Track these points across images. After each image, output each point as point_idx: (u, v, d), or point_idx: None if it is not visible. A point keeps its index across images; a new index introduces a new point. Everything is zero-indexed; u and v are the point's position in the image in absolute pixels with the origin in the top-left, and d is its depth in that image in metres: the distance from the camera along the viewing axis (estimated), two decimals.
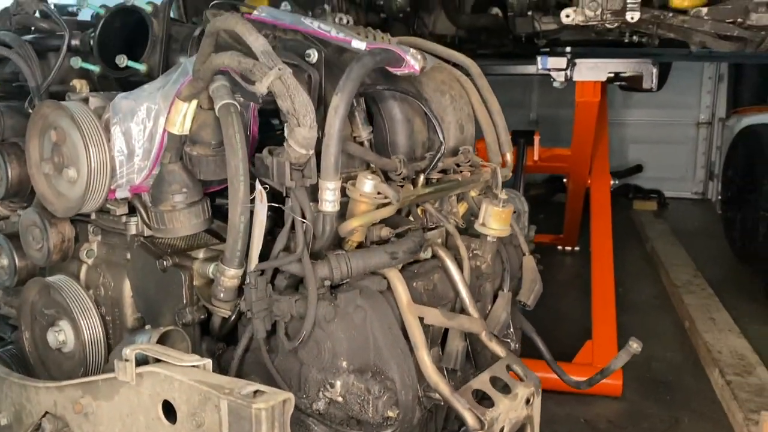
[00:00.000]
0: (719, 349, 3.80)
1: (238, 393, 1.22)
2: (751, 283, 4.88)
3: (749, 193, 4.98)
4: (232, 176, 1.42)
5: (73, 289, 1.76)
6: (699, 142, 7.15)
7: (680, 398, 3.56)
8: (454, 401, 1.41)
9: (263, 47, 1.33)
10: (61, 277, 1.80)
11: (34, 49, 1.83)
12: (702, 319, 4.19)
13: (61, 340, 1.77)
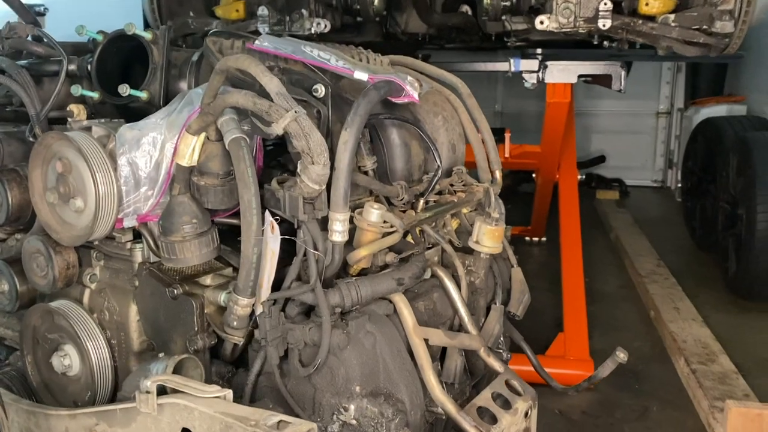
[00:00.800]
0: (684, 339, 3.97)
1: (264, 425, 1.28)
2: (711, 272, 5.08)
3: (709, 184, 5.17)
4: (245, 210, 1.47)
5: (77, 313, 1.79)
6: (658, 132, 7.37)
7: (649, 387, 3.72)
8: (461, 420, 1.50)
9: (278, 89, 1.38)
10: (64, 302, 1.83)
11: (29, 75, 1.84)
12: (667, 308, 4.36)
13: (67, 364, 1.80)
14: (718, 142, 5.01)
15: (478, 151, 2.02)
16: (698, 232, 5.44)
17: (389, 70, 1.81)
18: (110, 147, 1.66)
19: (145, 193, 1.65)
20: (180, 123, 1.64)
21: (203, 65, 1.85)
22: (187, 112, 1.63)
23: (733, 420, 3.07)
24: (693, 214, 5.52)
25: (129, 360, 1.79)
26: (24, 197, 1.82)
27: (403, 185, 1.66)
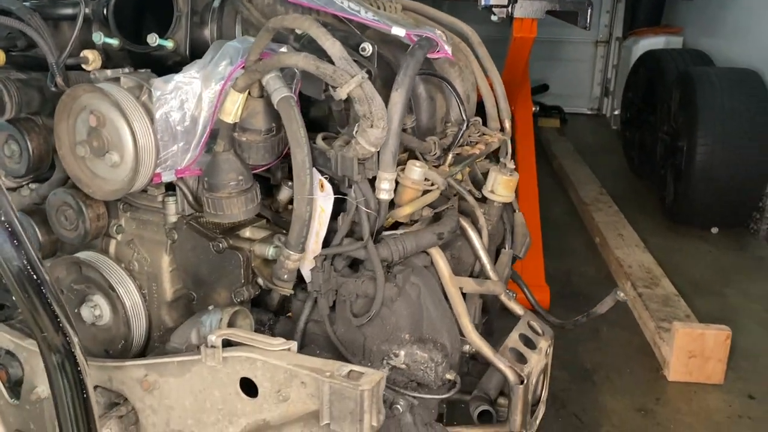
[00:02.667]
0: (629, 264, 4.28)
1: (339, 375, 1.37)
2: (649, 199, 5.42)
3: (649, 115, 5.43)
4: (298, 170, 1.50)
5: (107, 264, 1.80)
6: (596, 61, 7.58)
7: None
8: (497, 361, 1.64)
9: (341, 53, 1.39)
10: (91, 254, 1.83)
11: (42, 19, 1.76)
12: (611, 235, 4.66)
13: (97, 314, 1.82)
14: (660, 76, 5.24)
15: (489, 101, 2.08)
16: (636, 161, 5.74)
17: (416, 23, 1.83)
18: (143, 99, 1.64)
19: (182, 147, 1.65)
20: (216, 77, 1.63)
21: (226, 12, 1.82)
22: (226, 65, 1.62)
23: (679, 339, 3.40)
24: (632, 143, 5.80)
25: (161, 310, 1.82)
26: (44, 148, 1.79)
27: (435, 141, 1.72)
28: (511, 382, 1.62)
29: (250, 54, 1.54)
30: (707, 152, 4.47)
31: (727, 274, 4.43)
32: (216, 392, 1.56)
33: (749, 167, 4.52)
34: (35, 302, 1.16)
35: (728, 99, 4.48)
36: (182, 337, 1.62)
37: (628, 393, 3.32)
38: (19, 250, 1.11)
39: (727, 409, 3.21)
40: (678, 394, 3.34)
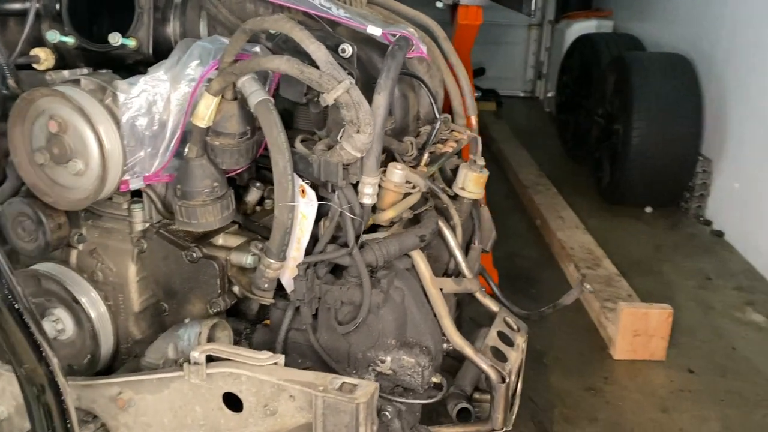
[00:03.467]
0: (571, 246, 4.38)
1: (332, 389, 1.34)
2: (584, 181, 5.56)
3: (583, 99, 5.55)
4: (280, 176, 1.46)
5: (69, 275, 1.71)
6: (530, 44, 7.69)
7: (543, 291, 4.11)
8: (479, 361, 1.64)
9: (326, 57, 1.35)
10: (50, 265, 1.73)
11: None
12: (552, 217, 4.75)
13: (60, 329, 1.73)
14: (594, 60, 5.36)
15: (455, 97, 2.08)
16: (571, 143, 5.87)
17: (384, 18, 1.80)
18: (107, 102, 1.55)
19: (150, 152, 1.58)
20: (185, 78, 1.56)
21: (190, 8, 1.73)
22: (197, 67, 1.55)
23: (624, 319, 3.51)
24: (566, 126, 5.92)
25: (129, 321, 1.75)
26: None
27: (412, 141, 1.70)
28: (493, 381, 1.63)
29: (224, 55, 1.47)
30: (642, 135, 4.61)
31: (662, 251, 4.60)
32: (197, 408, 1.51)
33: (680, 149, 4.69)
34: (16, 332, 1.08)
35: (661, 83, 4.62)
36: (158, 352, 1.55)
37: (577, 373, 3.41)
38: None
39: (669, 384, 3.35)
40: (624, 371, 3.45)
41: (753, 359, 3.48)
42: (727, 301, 4.02)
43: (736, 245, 4.58)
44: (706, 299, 4.04)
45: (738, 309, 3.94)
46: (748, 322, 3.81)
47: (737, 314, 3.89)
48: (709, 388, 3.27)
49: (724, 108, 4.67)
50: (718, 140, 4.75)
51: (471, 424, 1.67)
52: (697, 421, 3.05)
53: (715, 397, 3.21)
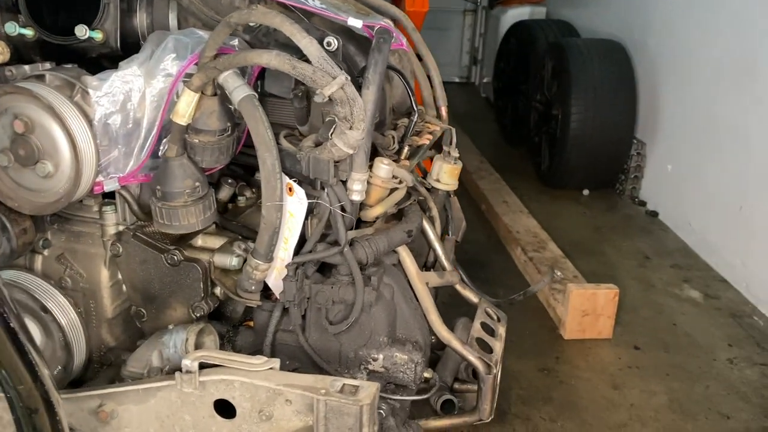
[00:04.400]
0: (517, 230, 4.46)
1: (334, 392, 1.32)
2: (523, 166, 5.66)
3: (521, 84, 5.64)
4: (268, 174, 1.41)
5: (35, 283, 1.61)
6: (465, 29, 7.74)
7: (493, 274, 4.17)
8: (467, 353, 1.65)
9: (319, 52, 1.31)
10: (12, 273, 1.63)
11: None
12: (497, 202, 4.83)
13: None
14: (531, 46, 5.44)
15: (425, 88, 2.06)
16: (509, 129, 5.96)
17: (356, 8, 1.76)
18: (76, 99, 1.46)
19: (124, 152, 1.50)
20: (160, 73, 1.49)
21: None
22: (173, 61, 1.48)
23: (573, 300, 3.61)
24: (504, 112, 6.00)
25: (102, 328, 1.66)
26: None
27: (393, 135, 1.68)
28: (481, 372, 1.64)
29: (205, 50, 1.41)
30: (580, 120, 4.72)
31: (601, 233, 4.74)
32: (187, 417, 1.46)
33: (616, 133, 4.84)
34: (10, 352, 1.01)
35: (598, 69, 4.74)
36: (141, 361, 1.49)
37: (530, 354, 3.49)
38: None
39: (618, 362, 3.46)
40: (574, 351, 3.55)
41: (692, 334, 3.64)
42: (665, 278, 4.18)
43: (670, 224, 4.77)
44: (646, 277, 4.19)
45: (676, 286, 4.11)
46: (686, 299, 3.98)
47: (675, 291, 4.06)
48: (654, 363, 3.40)
49: (657, 93, 4.84)
50: (651, 124, 4.92)
51: (458, 416, 1.68)
52: (646, 395, 3.17)
53: (660, 371, 3.35)
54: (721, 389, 3.20)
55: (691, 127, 4.49)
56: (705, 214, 4.35)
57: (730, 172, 4.09)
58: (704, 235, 4.35)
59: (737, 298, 3.95)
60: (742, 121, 3.96)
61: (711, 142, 4.27)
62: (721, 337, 3.61)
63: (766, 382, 3.25)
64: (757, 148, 3.82)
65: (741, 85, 3.98)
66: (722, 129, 4.15)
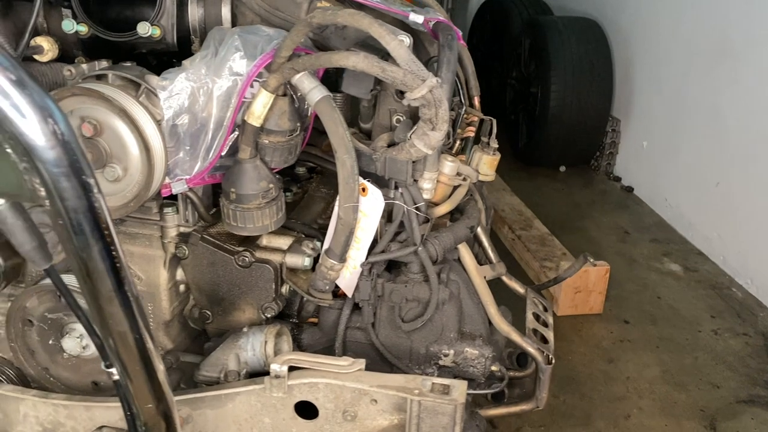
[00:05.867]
0: (502, 208, 4.52)
1: (428, 392, 1.33)
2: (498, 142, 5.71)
3: (494, 61, 5.67)
4: (347, 176, 1.40)
5: None
6: None
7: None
8: (526, 345, 1.69)
9: (408, 55, 1.29)
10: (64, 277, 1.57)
11: None
12: None
13: (84, 345, 1.59)
14: (505, 23, 5.46)
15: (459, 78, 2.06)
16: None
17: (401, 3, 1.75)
18: (141, 100, 1.42)
19: (191, 153, 1.46)
20: (227, 72, 1.45)
21: None
22: (241, 60, 1.44)
23: None
24: None
25: (159, 330, 1.63)
26: None
27: (449, 131, 1.68)
28: (540, 363, 1.69)
29: (281, 50, 1.38)
30: (559, 98, 4.79)
31: (580, 209, 4.86)
32: (266, 419, 1.45)
33: (592, 110, 4.94)
34: (141, 375, 0.99)
35: (575, 47, 4.81)
36: (217, 365, 1.47)
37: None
38: (133, 320, 0.92)
39: (610, 336, 3.59)
40: (568, 327, 3.66)
41: (676, 306, 3.79)
42: (646, 253, 4.32)
43: (646, 199, 4.92)
44: (628, 252, 4.32)
45: (656, 260, 4.25)
46: (667, 272, 4.13)
47: (656, 265, 4.20)
48: (644, 336, 3.53)
49: (631, 71, 4.95)
50: (626, 101, 5.04)
51: (515, 404, 1.72)
52: (639, 367, 3.29)
53: (650, 344, 3.48)
54: (709, 360, 3.34)
55: (667, 104, 4.61)
56: (681, 190, 4.50)
57: (706, 148, 4.23)
58: (680, 209, 4.50)
59: (715, 270, 4.12)
60: (718, 99, 4.09)
61: (687, 120, 4.40)
62: (703, 308, 3.77)
63: (749, 351, 3.42)
64: (734, 126, 3.96)
65: (716, 63, 4.10)
66: (698, 107, 4.28)
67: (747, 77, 3.83)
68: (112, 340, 0.92)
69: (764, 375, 3.24)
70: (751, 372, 3.27)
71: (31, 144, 0.71)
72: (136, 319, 0.90)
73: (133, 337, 0.92)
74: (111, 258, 0.83)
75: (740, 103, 3.89)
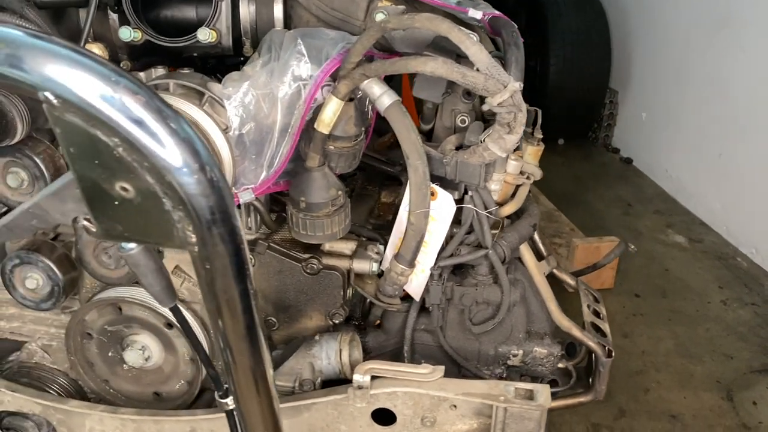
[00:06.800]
0: None
1: (513, 398, 1.34)
2: None
3: None
4: (419, 182, 1.38)
5: None
6: None
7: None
8: (586, 339, 1.70)
9: (489, 60, 1.27)
10: (123, 290, 1.54)
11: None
12: None
13: (147, 356, 1.56)
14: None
15: None
16: None
17: None
18: (205, 108, 1.37)
19: (256, 161, 1.43)
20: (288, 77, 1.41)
21: None
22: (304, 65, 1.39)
23: (578, 253, 3.73)
24: None
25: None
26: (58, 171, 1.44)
27: None
28: (601, 357, 1.70)
29: (351, 55, 1.34)
30: (559, 71, 4.78)
31: (582, 182, 4.88)
32: (343, 427, 1.45)
33: (590, 82, 4.94)
34: (259, 404, 0.97)
35: (573, 19, 4.79)
36: (291, 375, 1.46)
37: None
38: (259, 355, 0.90)
39: (623, 311, 3.63)
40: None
41: (684, 278, 3.84)
42: (650, 225, 4.37)
43: (645, 171, 4.95)
44: (632, 225, 4.36)
45: (661, 232, 4.30)
46: (672, 244, 4.18)
47: (661, 237, 4.25)
48: (655, 310, 3.58)
49: (629, 42, 4.94)
50: (624, 73, 5.04)
51: (574, 396, 1.73)
52: (653, 341, 3.35)
53: (662, 317, 3.53)
54: (721, 330, 3.41)
55: (666, 75, 4.62)
56: (682, 161, 4.53)
57: (708, 119, 4.25)
58: (682, 181, 4.54)
59: (719, 240, 4.17)
60: (720, 69, 4.09)
61: (687, 90, 4.41)
62: (711, 279, 3.82)
63: (759, 321, 3.48)
64: (738, 97, 3.97)
65: (718, 32, 4.10)
66: (699, 77, 4.29)
67: (750, 46, 3.84)
68: (236, 373, 0.90)
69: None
70: (763, 342, 3.33)
71: (190, 193, 0.68)
72: (262, 354, 0.88)
73: (259, 371, 0.90)
74: (248, 298, 0.81)
75: (743, 73, 3.91)
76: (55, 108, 0.64)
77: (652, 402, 2.98)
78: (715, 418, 2.85)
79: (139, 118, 0.65)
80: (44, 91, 0.63)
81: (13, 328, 1.65)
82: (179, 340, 1.54)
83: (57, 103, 0.63)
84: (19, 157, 1.38)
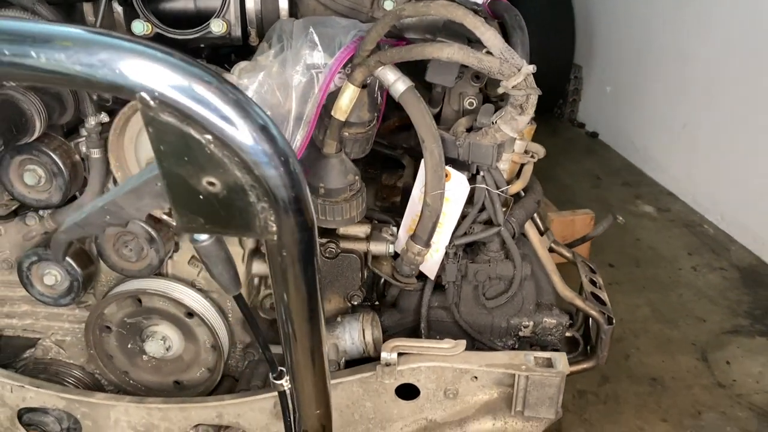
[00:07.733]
0: None
1: (534, 366, 1.40)
2: None
3: None
4: (435, 164, 1.42)
5: (176, 288, 1.56)
6: None
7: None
8: (588, 309, 1.77)
9: (503, 44, 1.31)
10: (146, 282, 1.55)
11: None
12: None
13: (168, 346, 1.59)
14: None
15: None
16: None
17: None
18: None
19: None
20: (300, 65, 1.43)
21: None
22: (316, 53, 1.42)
23: (554, 227, 3.82)
24: None
25: (237, 326, 1.64)
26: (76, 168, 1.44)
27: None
28: (603, 324, 1.78)
29: (366, 43, 1.37)
30: None
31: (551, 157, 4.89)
32: (368, 403, 1.50)
33: (554, 58, 5.02)
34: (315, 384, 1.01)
35: None
36: None
37: None
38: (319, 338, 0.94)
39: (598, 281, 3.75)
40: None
41: (656, 247, 3.97)
42: (619, 196, 4.49)
43: (612, 144, 5.08)
44: (602, 197, 4.48)
45: (630, 203, 4.43)
46: (641, 214, 4.31)
47: (631, 208, 4.38)
48: (630, 278, 3.70)
49: (592, 17, 5.04)
50: (587, 48, 5.14)
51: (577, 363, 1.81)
52: (630, 309, 3.47)
53: (637, 285, 3.65)
54: (692, 295, 3.55)
55: (629, 49, 4.73)
56: (647, 133, 4.66)
57: (672, 91, 4.38)
58: (648, 152, 4.67)
59: (686, 209, 4.32)
60: (684, 42, 4.21)
61: (651, 64, 4.53)
62: (680, 246, 3.97)
63: (727, 284, 3.64)
64: (700, 68, 4.10)
65: (681, 6, 4.21)
66: (663, 51, 4.41)
67: (713, 19, 3.96)
68: (297, 355, 0.94)
69: (743, 306, 3.46)
70: (731, 304, 3.48)
71: (275, 185, 0.71)
72: (322, 334, 0.92)
73: (318, 352, 0.94)
74: (315, 281, 0.84)
75: (706, 45, 4.03)
76: (150, 108, 0.66)
77: (633, 367, 3.09)
78: (692, 379, 2.98)
79: (230, 116, 0.68)
80: (141, 92, 0.65)
81: (25, 326, 1.65)
82: (200, 328, 1.56)
83: (153, 104, 0.66)
84: (36, 154, 1.38)
